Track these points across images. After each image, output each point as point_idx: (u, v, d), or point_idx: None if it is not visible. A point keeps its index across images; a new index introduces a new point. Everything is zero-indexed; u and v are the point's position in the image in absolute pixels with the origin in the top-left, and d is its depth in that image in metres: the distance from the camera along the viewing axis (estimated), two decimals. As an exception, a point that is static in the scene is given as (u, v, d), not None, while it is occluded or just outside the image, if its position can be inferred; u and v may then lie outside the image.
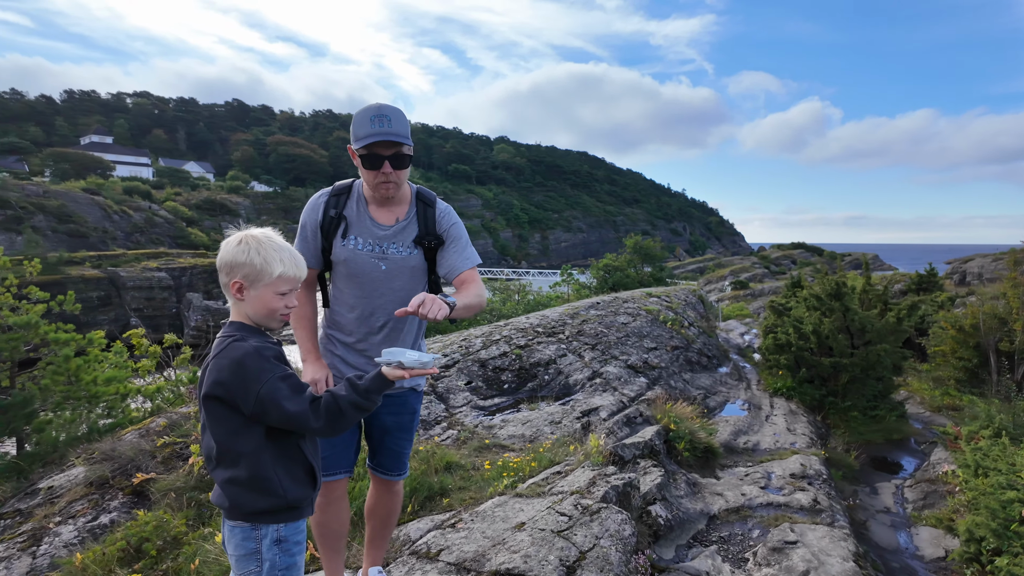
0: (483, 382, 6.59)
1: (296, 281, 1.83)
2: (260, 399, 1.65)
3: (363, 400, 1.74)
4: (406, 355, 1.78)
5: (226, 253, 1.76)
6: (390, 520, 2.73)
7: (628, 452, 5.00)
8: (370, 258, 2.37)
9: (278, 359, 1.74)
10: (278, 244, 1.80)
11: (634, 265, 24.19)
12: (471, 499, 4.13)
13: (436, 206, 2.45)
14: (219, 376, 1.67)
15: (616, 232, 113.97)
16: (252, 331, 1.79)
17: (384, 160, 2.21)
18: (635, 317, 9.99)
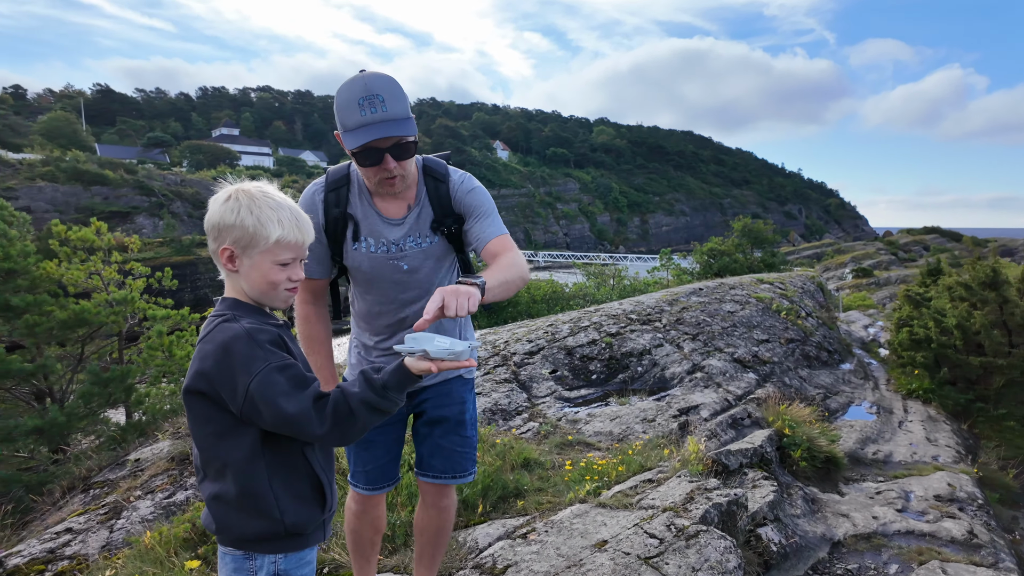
0: (569, 371, 6.11)
1: (300, 248, 1.45)
2: (250, 395, 1.29)
3: (379, 399, 1.34)
4: (434, 342, 1.36)
5: (212, 213, 1.40)
6: (440, 539, 2.33)
7: (733, 460, 4.33)
8: (387, 260, 2.01)
9: (275, 344, 1.36)
10: (276, 201, 1.42)
11: (742, 250, 22.56)
12: (548, 504, 3.69)
13: (449, 179, 2.02)
14: (202, 366, 1.32)
15: (723, 215, 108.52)
16: (248, 309, 1.43)
17: (383, 154, 1.79)
18: (743, 305, 9.06)
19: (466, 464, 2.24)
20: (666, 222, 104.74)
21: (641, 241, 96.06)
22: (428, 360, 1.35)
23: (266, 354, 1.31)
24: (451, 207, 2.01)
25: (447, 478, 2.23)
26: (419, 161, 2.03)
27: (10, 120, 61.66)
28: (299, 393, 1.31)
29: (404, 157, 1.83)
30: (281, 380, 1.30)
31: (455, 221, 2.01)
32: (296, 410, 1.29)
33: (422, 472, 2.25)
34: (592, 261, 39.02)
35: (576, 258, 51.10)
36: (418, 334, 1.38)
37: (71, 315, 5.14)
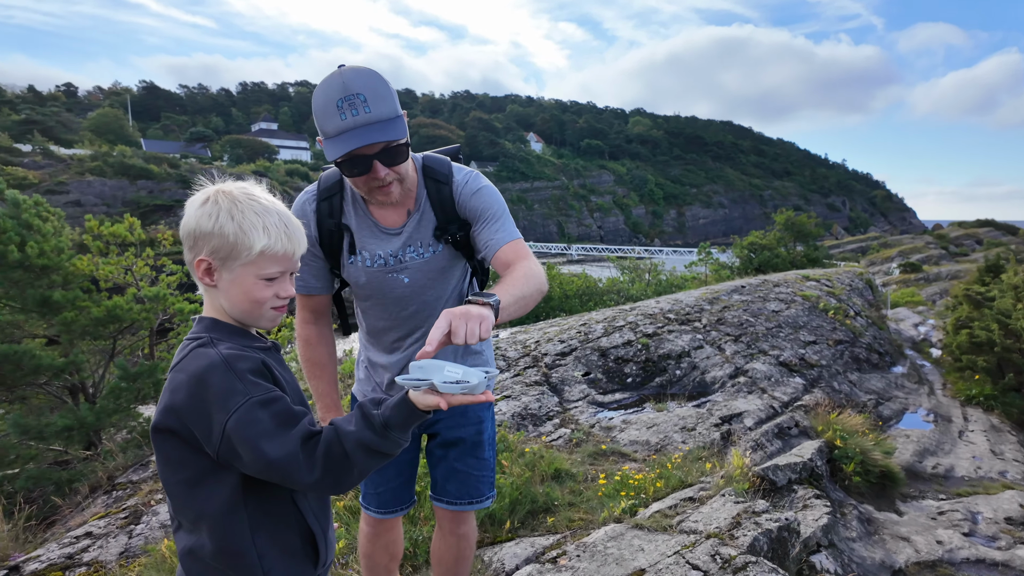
0: (603, 374, 5.84)
1: (289, 260, 1.24)
2: (227, 435, 1.08)
3: (379, 440, 1.13)
4: (443, 372, 1.14)
5: (188, 218, 1.20)
6: (460, 569, 2.13)
7: (781, 476, 4.01)
8: (386, 274, 1.81)
9: (258, 373, 1.15)
10: (262, 205, 1.21)
11: (784, 243, 21.78)
12: (580, 521, 3.45)
13: (452, 179, 1.78)
14: (172, 399, 1.12)
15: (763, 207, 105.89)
16: (228, 331, 1.22)
17: (371, 161, 1.57)
18: (789, 304, 8.62)
19: (483, 488, 2.05)
20: (703, 214, 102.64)
21: (677, 234, 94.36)
22: (437, 394, 1.13)
23: (246, 386, 1.10)
24: (455, 211, 1.78)
25: (463, 504, 2.04)
26: (418, 161, 1.81)
27: (62, 117, 64.00)
28: (285, 433, 1.09)
29: (396, 162, 1.61)
30: (264, 417, 1.09)
31: (460, 227, 1.78)
32: (281, 454, 1.08)
33: (437, 497, 2.06)
34: (627, 255, 38.40)
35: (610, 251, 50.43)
36: (424, 362, 1.16)
37: (105, 311, 5.13)
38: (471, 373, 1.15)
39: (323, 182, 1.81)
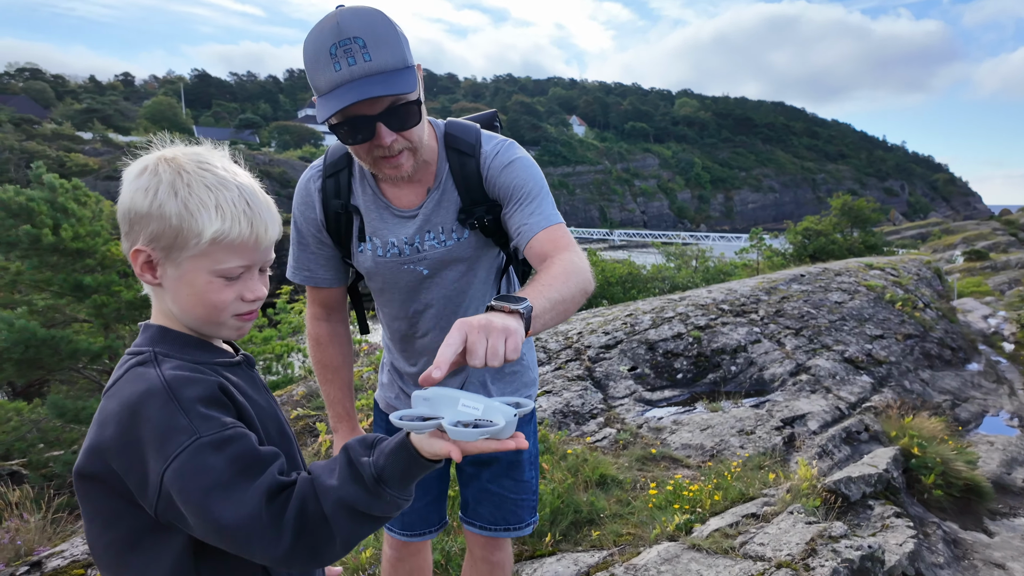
0: (651, 369, 5.46)
1: (254, 250, 0.93)
2: (165, 488, 0.80)
3: (369, 498, 0.83)
4: (458, 406, 0.83)
5: (123, 194, 0.91)
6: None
7: (855, 489, 3.59)
8: (400, 266, 1.50)
9: (211, 403, 0.85)
10: (217, 176, 0.91)
11: (841, 229, 20.72)
12: (628, 536, 3.13)
13: (479, 150, 1.45)
14: (99, 436, 0.84)
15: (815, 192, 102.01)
16: (179, 343, 0.94)
17: (374, 124, 1.25)
18: (852, 295, 8.02)
19: (523, 513, 1.75)
20: (752, 199, 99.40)
21: (724, 219, 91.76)
22: (447, 441, 0.82)
23: (193, 422, 0.81)
24: (482, 190, 1.45)
25: (498, 530, 1.74)
26: (440, 128, 1.49)
27: (120, 106, 66.52)
28: (244, 486, 0.80)
29: (406, 125, 1.28)
30: (216, 464, 0.80)
31: (489, 210, 1.45)
32: (236, 516, 0.78)
33: (468, 520, 1.77)
34: (671, 240, 37.42)
35: (654, 237, 49.34)
36: (432, 392, 0.85)
37: (135, 295, 5.06)
38: (495, 409, 0.82)
39: (330, 155, 1.51)
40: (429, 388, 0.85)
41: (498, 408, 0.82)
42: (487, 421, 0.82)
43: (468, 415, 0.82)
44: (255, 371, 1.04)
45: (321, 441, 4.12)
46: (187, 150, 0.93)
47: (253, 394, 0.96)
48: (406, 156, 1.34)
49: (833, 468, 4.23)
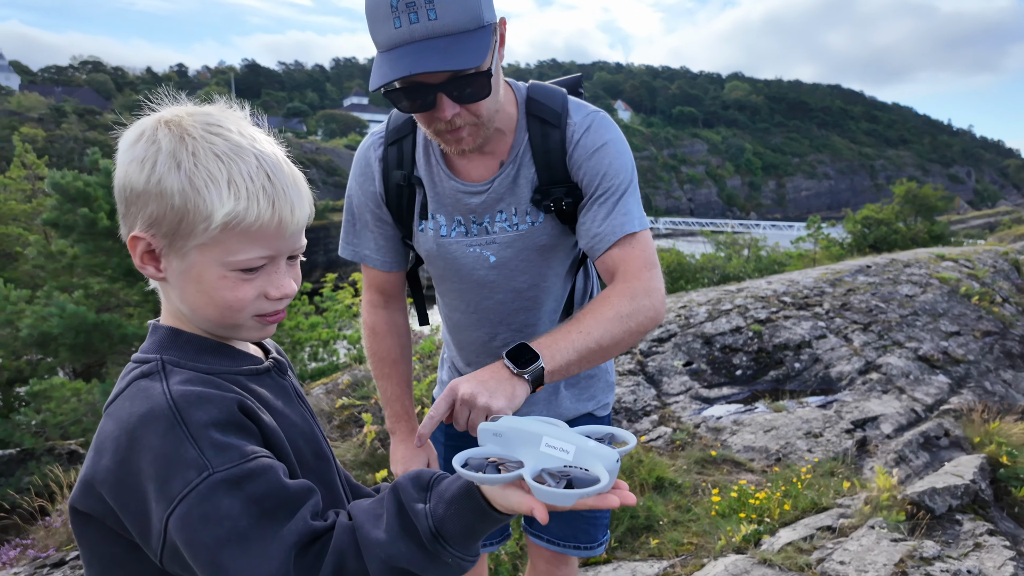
0: (707, 365, 5.19)
1: (278, 236, 0.75)
2: (170, 537, 0.64)
3: (425, 559, 0.65)
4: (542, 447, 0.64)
5: (119, 165, 0.74)
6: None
7: (940, 502, 3.27)
8: (467, 248, 1.31)
9: (229, 428, 0.69)
10: (230, 142, 0.72)
11: (904, 218, 19.65)
12: (690, 546, 2.92)
13: (565, 120, 1.24)
14: (94, 467, 0.69)
15: (873, 179, 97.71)
16: (194, 347, 0.77)
17: (435, 94, 1.07)
18: (924, 288, 7.50)
19: (595, 532, 1.57)
20: (806, 186, 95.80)
21: (776, 207, 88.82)
22: (530, 495, 0.63)
23: (204, 452, 0.65)
24: (564, 168, 1.24)
25: (568, 547, 1.56)
26: (521, 92, 1.29)
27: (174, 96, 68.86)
28: (267, 536, 0.64)
29: (473, 98, 1.09)
30: (231, 509, 0.63)
31: (570, 192, 1.24)
32: (259, 573, 0.62)
33: (534, 533, 1.59)
34: (720, 229, 36.38)
35: (701, 225, 48.10)
36: (503, 426, 0.66)
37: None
38: (590, 453, 0.62)
39: (392, 120, 1.33)
40: (501, 420, 0.68)
41: (595, 452, 0.62)
42: (581, 469, 0.62)
43: (555, 460, 0.63)
44: (288, 378, 0.87)
45: (366, 432, 4.03)
46: (194, 110, 0.75)
47: (284, 408, 0.80)
48: (468, 131, 1.15)
49: (911, 477, 3.90)
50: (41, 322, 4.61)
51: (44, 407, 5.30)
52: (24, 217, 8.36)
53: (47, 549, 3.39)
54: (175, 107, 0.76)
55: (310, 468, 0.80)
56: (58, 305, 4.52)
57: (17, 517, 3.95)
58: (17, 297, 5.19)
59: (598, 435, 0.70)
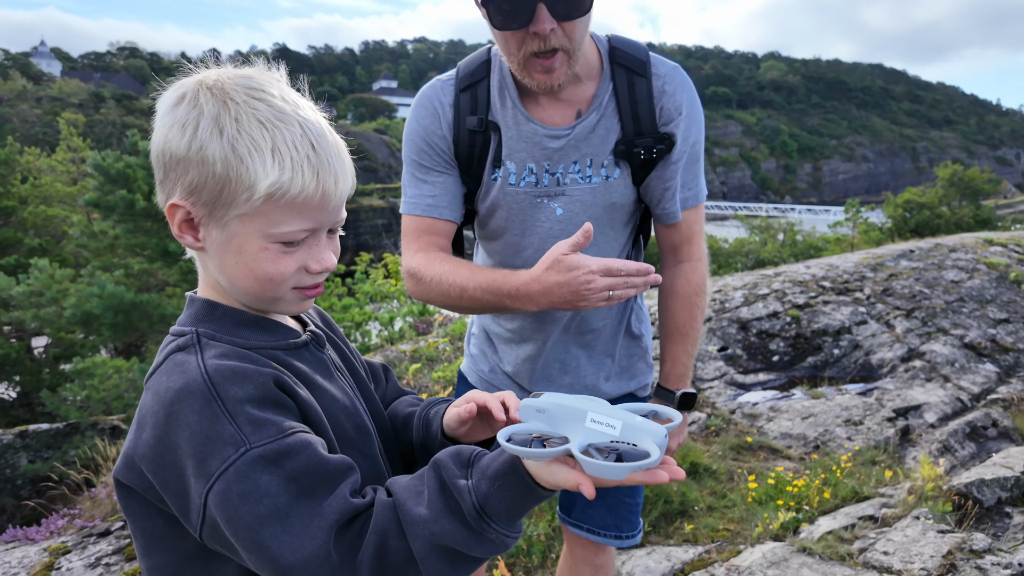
0: (743, 350, 5.08)
1: (321, 209, 0.72)
2: (210, 513, 0.63)
3: (469, 536, 0.63)
4: (588, 423, 0.62)
5: (158, 129, 0.71)
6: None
7: (988, 494, 3.16)
8: (534, 198, 1.25)
9: (266, 403, 0.67)
10: (275, 108, 0.69)
11: (948, 202, 18.95)
12: (726, 532, 2.87)
13: (651, 72, 1.23)
14: (135, 441, 0.68)
15: (914, 162, 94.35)
16: (232, 320, 0.75)
17: (534, 5, 1.05)
18: (970, 273, 7.21)
19: (635, 520, 1.55)
20: (843, 169, 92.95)
21: (812, 191, 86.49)
22: (576, 470, 0.61)
23: (241, 428, 0.63)
24: (652, 120, 1.20)
25: (610, 536, 1.53)
26: (603, 42, 1.25)
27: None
28: (307, 513, 0.62)
29: (571, 15, 1.06)
30: (270, 487, 0.62)
31: (658, 142, 1.20)
32: (297, 555, 0.61)
33: (574, 522, 1.56)
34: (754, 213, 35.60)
35: (734, 209, 47.15)
36: (547, 401, 0.64)
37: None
38: (638, 428, 0.61)
39: (464, 67, 1.28)
40: (544, 395, 0.66)
41: (643, 427, 0.61)
42: (628, 444, 0.61)
43: (602, 436, 0.61)
44: (327, 351, 0.84)
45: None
46: (235, 72, 0.72)
47: (324, 383, 0.78)
48: (561, 59, 1.12)
49: (956, 467, 3.78)
50: (84, 301, 4.75)
51: (88, 383, 5.47)
52: (69, 199, 8.62)
53: (93, 519, 3.51)
54: (216, 69, 0.73)
55: (351, 442, 0.78)
56: (99, 285, 4.64)
57: (65, 488, 4.10)
58: (62, 276, 5.35)
59: (642, 412, 0.69)
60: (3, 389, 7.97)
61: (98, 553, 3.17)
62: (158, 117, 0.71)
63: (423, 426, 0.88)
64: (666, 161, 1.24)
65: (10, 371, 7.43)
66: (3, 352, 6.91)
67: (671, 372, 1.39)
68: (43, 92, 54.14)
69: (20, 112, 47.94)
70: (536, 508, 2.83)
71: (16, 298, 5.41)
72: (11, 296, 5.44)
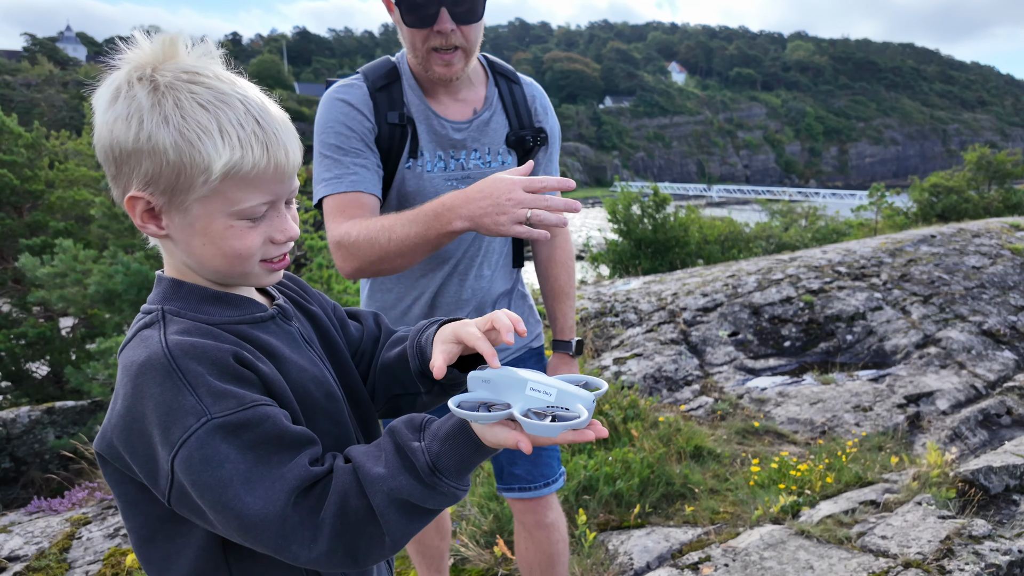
0: (754, 335, 5.05)
1: (279, 179, 0.75)
2: (177, 479, 0.67)
3: (425, 491, 0.69)
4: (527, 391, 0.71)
5: (100, 126, 0.73)
6: (552, 574, 1.73)
7: (996, 481, 3.13)
8: (445, 181, 1.49)
9: (226, 374, 0.71)
10: (213, 89, 0.71)
11: (976, 186, 18.43)
12: (726, 515, 2.89)
13: (521, 81, 1.62)
14: (109, 415, 0.73)
15: (944, 145, 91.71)
16: (196, 297, 0.79)
17: (439, 7, 1.29)
18: (994, 259, 7.05)
19: (555, 464, 1.70)
20: (871, 152, 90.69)
21: (837, 174, 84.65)
22: (517, 430, 0.69)
23: (201, 400, 0.67)
24: (530, 117, 1.57)
25: (539, 486, 1.65)
26: (483, 59, 1.58)
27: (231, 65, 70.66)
28: (266, 475, 0.67)
29: (468, 19, 1.32)
30: (230, 453, 0.66)
31: (536, 133, 1.55)
32: (258, 517, 0.65)
33: (507, 487, 1.68)
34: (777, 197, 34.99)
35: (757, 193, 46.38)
36: (492, 373, 0.72)
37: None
38: (570, 395, 0.69)
39: (370, 72, 1.45)
40: (488, 369, 0.73)
41: (574, 394, 0.70)
42: (562, 408, 0.70)
43: (540, 402, 0.70)
44: (294, 323, 0.87)
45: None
46: (161, 56, 0.72)
47: (290, 354, 0.81)
48: (459, 56, 1.36)
49: (966, 454, 3.74)
50: (107, 279, 4.89)
51: (110, 362, 5.63)
52: (94, 183, 8.81)
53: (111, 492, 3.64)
54: (138, 54, 0.72)
55: (322, 409, 0.82)
56: (123, 263, 4.77)
57: (85, 462, 4.25)
58: (85, 257, 5.50)
59: (574, 382, 0.76)
60: (36, 367, 8.26)
61: (116, 524, 3.29)
62: (98, 114, 0.73)
63: (417, 355, 0.90)
64: (545, 149, 1.59)
65: (42, 349, 7.68)
66: (37, 331, 7.17)
67: (564, 326, 1.68)
68: (69, 77, 54.98)
69: (48, 97, 48.81)
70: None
71: (42, 279, 5.58)
72: (37, 277, 5.62)
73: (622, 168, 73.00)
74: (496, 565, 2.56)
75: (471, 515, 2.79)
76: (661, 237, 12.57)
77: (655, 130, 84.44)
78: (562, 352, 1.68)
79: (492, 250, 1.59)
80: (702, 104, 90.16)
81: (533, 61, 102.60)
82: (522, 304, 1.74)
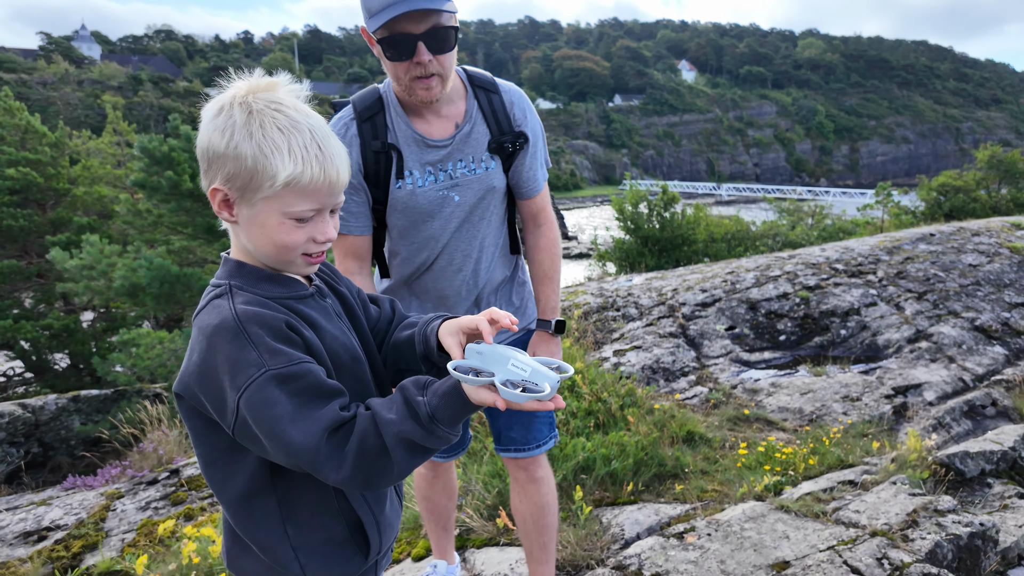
0: (750, 329, 5.24)
1: (325, 193, 0.98)
2: (242, 416, 0.89)
3: (424, 433, 0.91)
4: (508, 366, 0.93)
5: (202, 132, 0.97)
6: (543, 523, 1.97)
7: (972, 465, 3.31)
8: (436, 192, 1.68)
9: (280, 337, 0.93)
10: (290, 118, 0.94)
11: (986, 185, 18.40)
12: (714, 493, 3.10)
13: (499, 89, 1.75)
14: (187, 363, 0.96)
15: (958, 143, 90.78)
16: (254, 277, 1.01)
17: (416, 42, 1.47)
18: (991, 257, 7.18)
19: (545, 429, 1.92)
20: (882, 151, 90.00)
21: (848, 173, 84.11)
22: (496, 394, 0.91)
23: (262, 355, 0.89)
24: (510, 123, 1.71)
25: (531, 448, 1.89)
26: (463, 73, 1.72)
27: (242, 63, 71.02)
28: (308, 416, 0.89)
29: (442, 49, 1.49)
30: (280, 398, 0.88)
31: (516, 140, 1.70)
32: (301, 446, 0.88)
33: (503, 448, 1.92)
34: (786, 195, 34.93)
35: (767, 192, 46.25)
36: (485, 347, 0.94)
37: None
38: (541, 374, 0.91)
39: (359, 103, 1.65)
40: (482, 344, 0.95)
41: (544, 373, 0.90)
42: (533, 383, 0.90)
43: (517, 375, 0.90)
44: (328, 300, 1.10)
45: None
46: (260, 86, 0.95)
47: (326, 325, 1.03)
48: (436, 81, 1.53)
49: (949, 442, 3.92)
50: (131, 273, 5.15)
51: (133, 352, 5.92)
52: (116, 181, 9.12)
53: (143, 470, 3.90)
54: (245, 82, 0.97)
55: (348, 369, 1.04)
56: (147, 258, 5.04)
57: (116, 443, 4.52)
58: (110, 251, 5.78)
59: (550, 364, 0.96)
60: (60, 357, 8.61)
61: (147, 498, 3.55)
62: (203, 123, 0.96)
63: (423, 342, 1.12)
64: (524, 151, 1.73)
65: (66, 341, 8.02)
66: (62, 323, 7.50)
67: (547, 306, 1.85)
68: (84, 75, 55.73)
69: (63, 95, 49.55)
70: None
71: (70, 271, 5.88)
72: (65, 269, 5.91)
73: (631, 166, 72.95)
74: (498, 535, 2.78)
75: (476, 490, 3.01)
76: (668, 235, 12.74)
77: (665, 128, 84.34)
78: (542, 330, 1.84)
79: (487, 243, 1.76)
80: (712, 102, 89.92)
81: (542, 59, 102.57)
82: (521, 291, 1.91)
